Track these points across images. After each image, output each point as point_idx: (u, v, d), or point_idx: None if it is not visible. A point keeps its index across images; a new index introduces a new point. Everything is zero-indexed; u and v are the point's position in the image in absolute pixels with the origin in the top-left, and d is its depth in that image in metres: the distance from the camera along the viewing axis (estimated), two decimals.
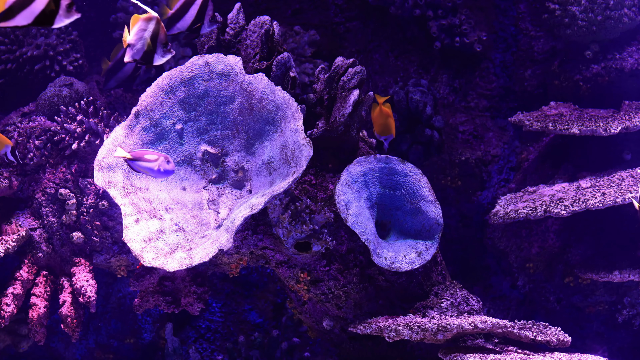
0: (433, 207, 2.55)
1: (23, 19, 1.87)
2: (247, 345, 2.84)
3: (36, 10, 1.86)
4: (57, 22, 1.88)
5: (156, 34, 2.12)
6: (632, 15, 3.01)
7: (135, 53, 2.12)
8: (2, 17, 1.86)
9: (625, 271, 2.76)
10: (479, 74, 3.29)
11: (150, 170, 2.25)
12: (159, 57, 2.15)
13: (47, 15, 1.87)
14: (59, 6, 1.87)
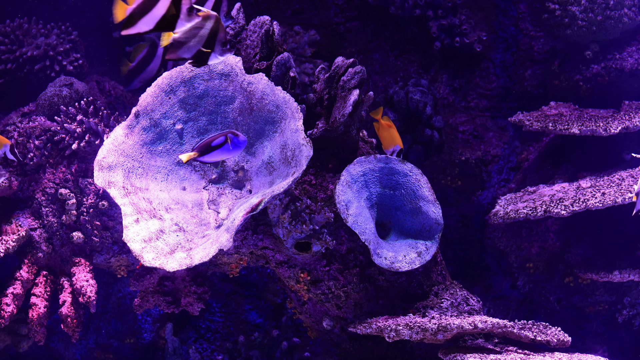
0: (433, 207, 2.55)
1: (144, 25, 1.86)
2: (247, 345, 2.84)
3: (157, 16, 1.84)
4: (178, 27, 1.86)
5: (215, 32, 2.03)
6: (632, 15, 3.01)
7: (185, 51, 2.04)
8: (125, 25, 1.85)
9: (625, 271, 2.76)
10: (479, 74, 3.29)
11: (225, 154, 2.20)
12: (217, 56, 2.06)
13: (169, 20, 1.85)
14: (179, 10, 1.85)
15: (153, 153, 2.51)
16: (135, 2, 1.85)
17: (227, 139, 2.19)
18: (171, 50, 2.04)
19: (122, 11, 1.85)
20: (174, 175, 2.52)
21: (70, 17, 3.24)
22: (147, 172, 2.50)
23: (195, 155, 2.19)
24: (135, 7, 1.84)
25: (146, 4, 1.84)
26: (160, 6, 1.84)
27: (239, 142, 2.20)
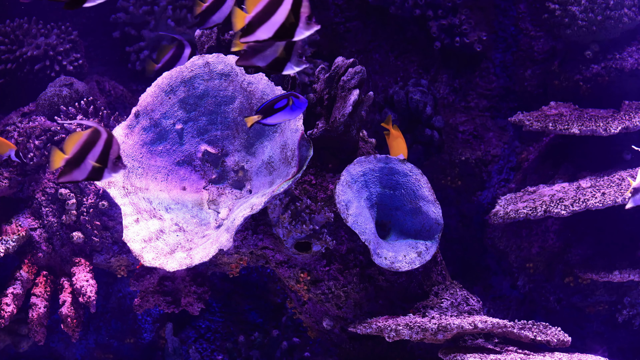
0: (433, 207, 2.55)
1: (263, 33, 1.85)
2: (247, 345, 2.84)
3: (276, 24, 1.83)
4: (297, 35, 1.86)
5: (292, 42, 2.00)
6: (632, 15, 3.01)
7: (260, 59, 2.01)
8: (244, 33, 1.85)
9: (625, 271, 2.76)
10: (479, 74, 3.29)
11: (288, 115, 2.17)
12: (292, 66, 2.03)
13: (288, 28, 1.85)
14: (299, 18, 1.85)
15: (153, 153, 2.51)
16: (254, 10, 1.84)
17: (290, 100, 2.17)
18: (244, 57, 2.01)
19: (241, 20, 1.84)
20: (174, 175, 2.52)
21: (70, 17, 3.24)
22: (147, 172, 2.50)
23: (260, 118, 2.18)
24: (253, 16, 1.84)
25: (265, 13, 1.84)
26: (279, 14, 1.83)
27: (300, 103, 2.17)
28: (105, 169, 1.96)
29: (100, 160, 1.94)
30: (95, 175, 1.95)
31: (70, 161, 1.93)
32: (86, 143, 1.93)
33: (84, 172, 1.94)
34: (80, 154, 1.93)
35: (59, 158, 1.92)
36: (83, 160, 1.93)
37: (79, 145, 1.93)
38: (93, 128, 1.94)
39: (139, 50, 3.15)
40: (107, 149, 1.94)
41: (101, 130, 1.94)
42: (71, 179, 1.96)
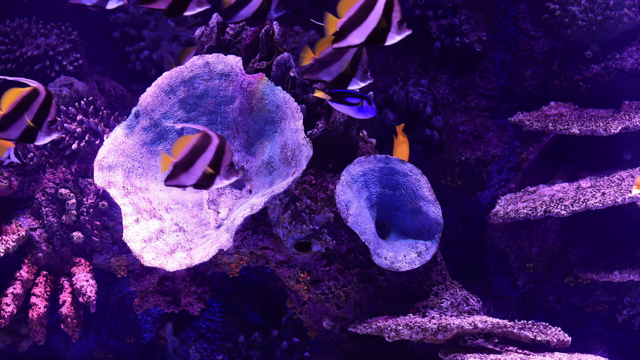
0: (433, 207, 2.55)
1: (355, 38, 1.85)
2: (247, 345, 2.84)
3: (368, 29, 1.83)
4: (389, 40, 1.85)
5: (358, 58, 2.01)
6: (632, 15, 3.01)
7: (326, 74, 2.02)
8: (336, 38, 1.85)
9: (625, 271, 2.76)
10: (479, 74, 3.29)
11: (351, 112, 2.18)
12: (357, 81, 2.03)
13: (379, 33, 1.84)
14: (390, 24, 1.84)
15: (153, 153, 2.51)
16: (346, 15, 1.84)
17: (361, 102, 2.17)
18: (311, 71, 2.02)
19: (333, 25, 1.85)
20: None
21: (70, 17, 3.24)
22: (147, 172, 2.50)
23: (328, 98, 2.17)
24: (346, 21, 1.84)
25: (357, 18, 1.84)
26: (371, 20, 1.83)
27: (369, 109, 2.18)
28: (217, 176, 1.91)
29: (213, 165, 1.89)
30: (206, 181, 1.91)
31: (179, 165, 1.89)
32: (196, 148, 1.89)
33: (194, 177, 1.90)
34: (190, 159, 1.89)
35: (166, 162, 1.89)
36: (192, 165, 1.89)
37: (189, 149, 1.90)
38: (203, 133, 1.88)
39: (139, 50, 3.15)
40: (220, 154, 1.89)
41: (212, 135, 1.88)
42: (179, 183, 1.91)
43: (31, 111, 1.91)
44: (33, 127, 1.92)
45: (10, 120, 1.91)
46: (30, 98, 1.91)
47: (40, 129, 1.93)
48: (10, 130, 1.92)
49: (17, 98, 1.90)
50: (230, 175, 1.91)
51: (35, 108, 1.91)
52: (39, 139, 1.94)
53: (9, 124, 1.92)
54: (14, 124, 1.92)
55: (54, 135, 1.95)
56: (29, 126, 1.91)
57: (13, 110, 1.90)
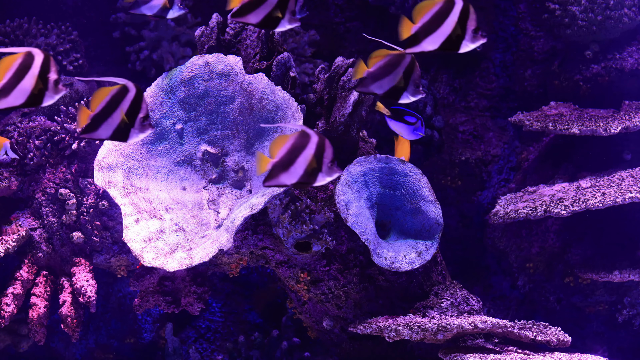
0: (433, 207, 2.55)
1: (429, 45, 1.85)
2: (247, 345, 2.84)
3: (443, 35, 1.83)
4: (462, 47, 1.86)
5: (410, 72, 2.01)
6: (632, 15, 3.01)
7: (377, 87, 2.01)
8: (409, 43, 1.85)
9: (625, 271, 2.76)
10: (479, 74, 3.29)
11: (404, 132, 2.22)
12: (409, 95, 2.03)
13: (454, 41, 1.84)
14: (465, 30, 1.84)
15: (153, 153, 2.51)
16: (421, 21, 1.84)
17: (417, 122, 2.18)
18: (363, 84, 2.02)
19: (408, 29, 1.84)
20: (174, 175, 2.52)
21: (70, 17, 3.24)
22: (147, 172, 2.50)
23: (387, 114, 2.20)
24: (420, 27, 1.84)
25: (432, 24, 1.83)
26: (446, 26, 1.83)
27: (421, 130, 2.21)
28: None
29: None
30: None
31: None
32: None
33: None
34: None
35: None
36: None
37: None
38: (301, 131, 1.85)
39: (139, 50, 3.14)
40: (321, 152, 1.86)
41: (310, 133, 1.85)
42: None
43: (122, 108, 1.87)
44: (126, 124, 1.89)
45: (101, 119, 1.88)
46: (121, 95, 1.87)
47: (133, 126, 1.90)
48: (101, 129, 1.88)
49: (107, 96, 1.87)
50: (332, 171, 1.89)
51: (126, 105, 1.87)
52: (132, 135, 1.90)
53: (99, 123, 1.88)
54: (104, 123, 1.88)
55: (147, 131, 1.91)
56: (122, 124, 1.87)
57: (104, 109, 1.87)
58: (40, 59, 1.81)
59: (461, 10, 1.83)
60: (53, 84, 1.83)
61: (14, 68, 1.81)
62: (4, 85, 1.81)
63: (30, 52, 1.81)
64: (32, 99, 1.83)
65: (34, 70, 1.82)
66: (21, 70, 1.82)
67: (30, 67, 1.82)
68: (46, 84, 1.83)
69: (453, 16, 1.82)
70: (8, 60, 1.81)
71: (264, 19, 2.01)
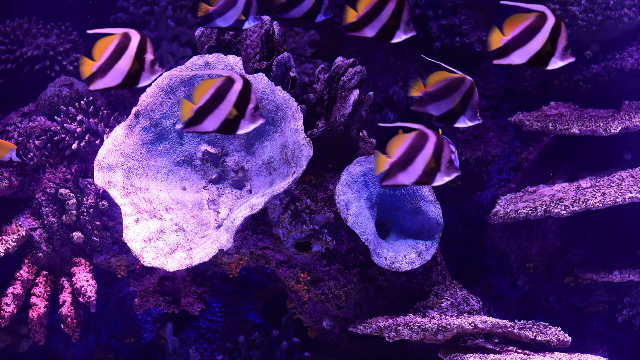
0: (433, 207, 2.55)
1: (517, 58, 1.85)
2: (247, 345, 2.84)
3: (532, 50, 1.84)
4: (551, 64, 1.87)
5: (469, 96, 2.02)
6: (632, 15, 3.01)
7: (434, 108, 2.02)
8: (497, 55, 1.86)
9: (625, 271, 2.76)
10: (479, 74, 3.29)
11: None
12: (466, 120, 2.03)
13: (543, 56, 1.85)
14: (555, 48, 1.85)
15: (153, 153, 2.51)
16: (511, 34, 1.85)
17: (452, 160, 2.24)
18: (420, 103, 2.02)
19: (497, 40, 1.85)
20: (174, 175, 2.52)
21: (70, 17, 3.24)
22: (147, 172, 2.50)
23: None
24: (510, 39, 1.84)
25: (522, 37, 1.84)
26: (536, 41, 1.83)
27: (456, 163, 2.24)
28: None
29: (434, 162, 1.85)
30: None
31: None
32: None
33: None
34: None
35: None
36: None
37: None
38: (419, 131, 1.84)
39: None
40: (439, 151, 1.85)
41: (428, 132, 1.84)
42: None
43: (229, 100, 1.85)
44: (236, 116, 1.87)
45: (206, 112, 1.86)
46: (226, 87, 1.86)
47: (244, 117, 1.89)
48: (207, 122, 1.86)
49: (212, 88, 1.85)
50: (451, 171, 1.88)
51: (234, 96, 1.86)
52: (242, 127, 1.89)
53: (205, 116, 1.86)
54: (210, 115, 1.87)
55: (258, 122, 1.89)
56: (231, 115, 1.85)
57: (209, 101, 1.85)
58: (136, 40, 1.82)
59: (553, 27, 1.83)
60: (149, 64, 1.84)
61: (111, 49, 1.82)
62: (101, 66, 1.82)
63: (127, 33, 1.81)
64: (129, 79, 1.84)
65: (131, 51, 1.82)
66: (118, 51, 1.82)
67: (126, 47, 1.82)
68: (142, 64, 1.83)
69: (544, 32, 1.83)
70: (105, 41, 1.82)
71: (380, 31, 2.02)
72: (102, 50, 1.82)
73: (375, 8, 2.01)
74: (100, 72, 1.83)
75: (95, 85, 1.84)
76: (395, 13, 2.01)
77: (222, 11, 2.18)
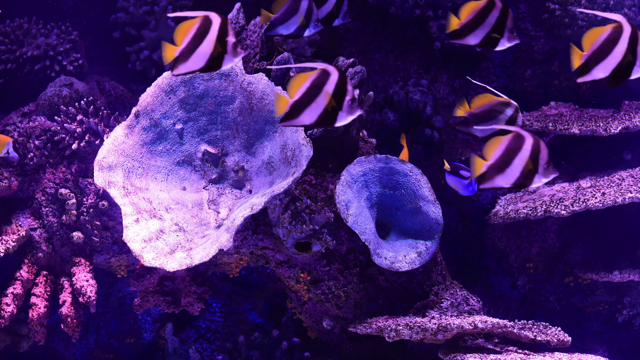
0: (433, 207, 2.55)
1: (600, 72, 1.87)
2: (247, 345, 2.84)
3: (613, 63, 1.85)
4: (634, 74, 1.88)
5: (514, 120, 2.04)
6: (632, 15, 3.01)
7: (480, 131, 2.04)
8: (580, 72, 1.87)
9: (625, 271, 2.76)
10: (479, 74, 3.29)
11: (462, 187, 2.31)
12: None
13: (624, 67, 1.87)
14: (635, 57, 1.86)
15: (153, 153, 2.51)
16: (590, 49, 1.85)
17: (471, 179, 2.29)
18: (464, 124, 2.06)
19: (578, 58, 1.86)
20: (174, 175, 2.52)
21: (70, 17, 3.24)
22: (147, 172, 2.50)
23: (447, 168, 2.33)
24: (590, 55, 1.85)
25: (601, 51, 1.85)
26: (616, 53, 1.84)
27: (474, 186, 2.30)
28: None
29: (532, 163, 1.85)
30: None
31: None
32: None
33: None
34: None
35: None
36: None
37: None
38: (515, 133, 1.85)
39: (139, 50, 3.14)
40: (536, 153, 1.85)
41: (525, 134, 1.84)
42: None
43: (326, 92, 1.83)
44: (334, 107, 1.85)
45: (302, 105, 1.85)
46: (323, 79, 1.84)
47: (341, 109, 1.87)
48: (304, 115, 1.86)
49: (307, 82, 1.84)
50: (549, 172, 1.87)
51: (330, 88, 1.84)
52: (340, 119, 1.87)
53: (301, 109, 1.85)
54: (307, 108, 1.85)
55: (356, 113, 1.88)
56: (328, 108, 1.84)
57: (305, 95, 1.84)
58: (217, 23, 1.82)
59: (630, 36, 1.83)
60: (232, 46, 1.84)
61: (192, 32, 1.82)
62: (183, 50, 1.82)
63: (207, 16, 1.81)
64: (212, 62, 1.83)
65: (212, 34, 1.82)
66: (199, 34, 1.82)
67: (208, 31, 1.82)
68: (225, 47, 1.83)
69: (622, 43, 1.83)
70: (186, 25, 1.82)
71: (484, 39, 2.03)
72: (183, 34, 1.82)
73: (479, 15, 2.01)
74: (182, 56, 1.83)
75: (178, 70, 1.84)
76: (499, 21, 2.01)
77: (284, 19, 2.19)
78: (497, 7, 2.01)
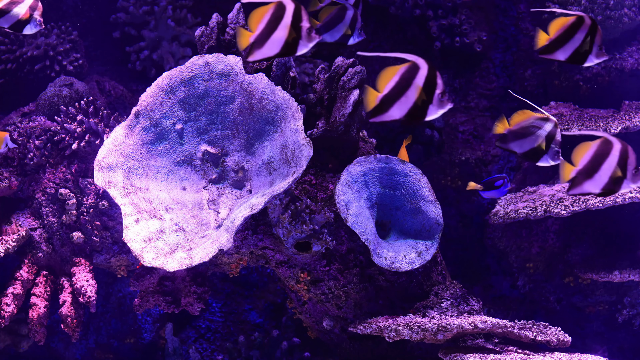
0: (433, 207, 2.55)
1: None
2: (247, 345, 2.84)
3: None
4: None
5: (552, 138, 2.05)
6: (632, 15, 3.01)
7: (517, 146, 2.04)
8: None
9: (625, 271, 2.76)
10: (479, 74, 3.29)
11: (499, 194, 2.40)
12: (548, 159, 2.05)
13: None
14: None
15: (153, 153, 2.51)
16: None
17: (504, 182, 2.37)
18: (503, 140, 2.04)
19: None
20: (174, 175, 2.52)
21: (70, 17, 3.24)
22: (147, 172, 2.50)
23: (479, 188, 2.36)
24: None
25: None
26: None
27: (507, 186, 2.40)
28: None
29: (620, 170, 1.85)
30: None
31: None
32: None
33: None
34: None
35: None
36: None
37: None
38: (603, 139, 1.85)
39: (139, 50, 3.15)
40: (625, 158, 1.85)
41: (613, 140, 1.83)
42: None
43: (416, 85, 1.81)
44: (423, 102, 1.82)
45: (392, 99, 1.83)
46: (412, 72, 1.82)
47: (432, 102, 1.85)
48: (393, 110, 1.83)
49: (396, 75, 1.82)
50: (637, 178, 1.86)
51: (420, 81, 1.81)
52: (431, 113, 1.85)
53: (390, 104, 1.83)
54: (397, 103, 1.83)
55: (447, 107, 1.85)
56: (418, 102, 1.81)
57: (394, 89, 1.82)
58: (291, 8, 1.82)
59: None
60: (306, 32, 1.84)
61: (267, 19, 1.81)
62: (258, 37, 1.81)
63: (281, 2, 1.81)
64: (287, 48, 1.84)
65: (287, 20, 1.82)
66: (274, 20, 1.82)
67: (282, 17, 1.82)
68: (299, 32, 1.82)
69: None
70: (260, 11, 1.82)
71: (572, 54, 2.04)
72: (258, 20, 1.82)
73: (568, 31, 2.01)
74: (257, 42, 1.83)
75: (254, 56, 1.84)
76: (587, 36, 2.02)
77: (329, 26, 2.20)
78: (585, 23, 2.01)
